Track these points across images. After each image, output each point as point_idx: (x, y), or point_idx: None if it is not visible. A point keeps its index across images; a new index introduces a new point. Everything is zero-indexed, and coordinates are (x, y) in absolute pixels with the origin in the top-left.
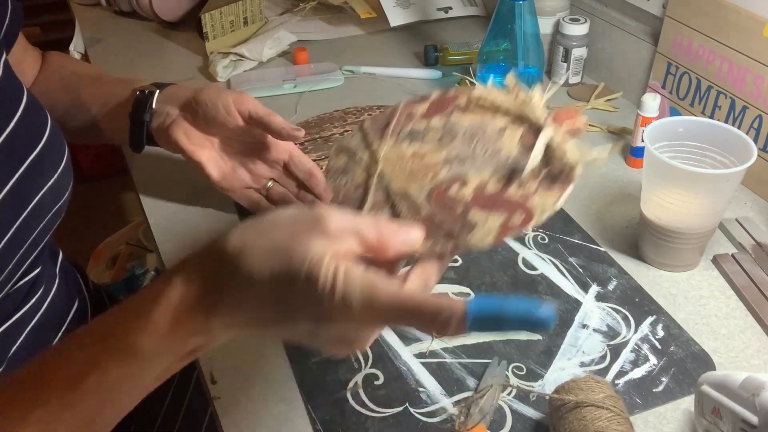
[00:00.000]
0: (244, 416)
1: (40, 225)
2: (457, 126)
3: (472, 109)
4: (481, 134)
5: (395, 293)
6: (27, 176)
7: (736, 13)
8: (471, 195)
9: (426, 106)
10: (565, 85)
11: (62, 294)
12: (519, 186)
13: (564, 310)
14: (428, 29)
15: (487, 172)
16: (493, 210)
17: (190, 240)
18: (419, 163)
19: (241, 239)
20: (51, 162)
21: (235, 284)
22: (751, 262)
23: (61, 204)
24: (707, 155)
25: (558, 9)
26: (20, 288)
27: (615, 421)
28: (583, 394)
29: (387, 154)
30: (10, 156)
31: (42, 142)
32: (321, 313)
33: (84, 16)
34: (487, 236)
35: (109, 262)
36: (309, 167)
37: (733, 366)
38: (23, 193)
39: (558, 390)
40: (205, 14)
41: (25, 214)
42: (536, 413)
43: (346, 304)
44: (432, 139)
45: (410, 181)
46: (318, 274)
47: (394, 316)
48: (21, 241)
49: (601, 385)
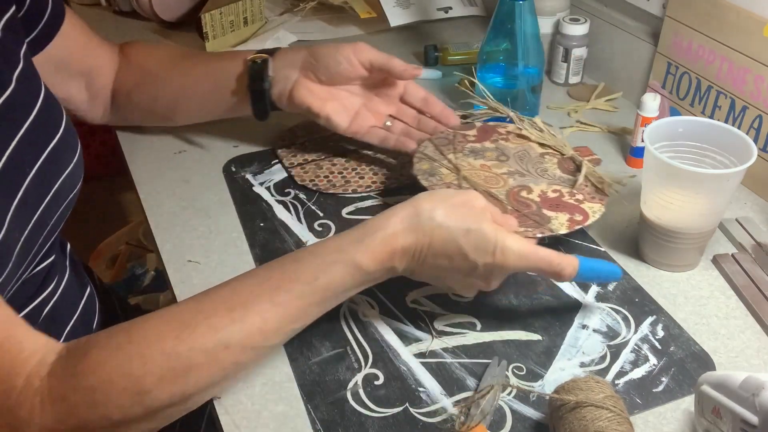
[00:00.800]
0: (244, 416)
1: (60, 209)
2: (506, 149)
3: (512, 138)
4: (527, 157)
5: (535, 250)
6: (51, 159)
7: (736, 13)
8: (538, 198)
9: (474, 131)
10: (565, 84)
11: (74, 282)
12: (570, 196)
13: (564, 310)
14: (428, 29)
15: (543, 184)
16: (558, 210)
17: (189, 239)
18: (490, 172)
19: (431, 200)
20: (69, 149)
21: (431, 232)
22: (751, 262)
23: (74, 193)
24: (707, 155)
25: (558, 9)
26: (38, 273)
27: (615, 421)
28: (583, 394)
29: (463, 163)
30: (36, 139)
31: (61, 128)
32: (486, 260)
33: (84, 15)
34: (561, 226)
35: (109, 262)
36: (423, 95)
37: (733, 366)
38: (48, 175)
39: (558, 390)
40: (205, 14)
41: (48, 197)
42: (536, 413)
43: (505, 255)
44: (491, 157)
45: (489, 185)
46: (491, 232)
47: (534, 265)
48: (44, 223)
49: (601, 385)
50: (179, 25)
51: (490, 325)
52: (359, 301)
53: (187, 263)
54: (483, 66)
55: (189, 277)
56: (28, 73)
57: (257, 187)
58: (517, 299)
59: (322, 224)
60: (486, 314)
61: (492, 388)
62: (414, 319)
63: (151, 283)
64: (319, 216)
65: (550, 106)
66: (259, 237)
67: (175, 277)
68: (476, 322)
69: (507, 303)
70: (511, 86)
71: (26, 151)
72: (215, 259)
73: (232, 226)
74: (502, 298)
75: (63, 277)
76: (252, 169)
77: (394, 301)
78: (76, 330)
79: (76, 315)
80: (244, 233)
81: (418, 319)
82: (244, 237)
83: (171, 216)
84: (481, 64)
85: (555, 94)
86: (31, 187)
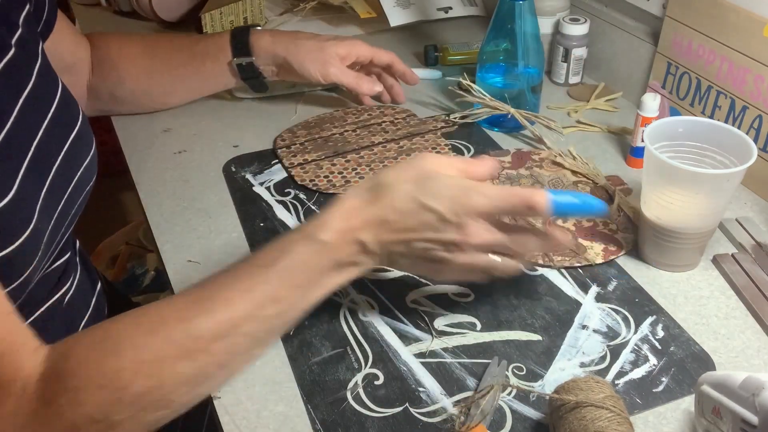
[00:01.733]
0: (244, 416)
1: (78, 201)
2: (540, 176)
3: (546, 165)
4: (561, 185)
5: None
6: (71, 151)
7: (736, 13)
8: (573, 228)
9: (509, 158)
10: (565, 85)
11: (86, 278)
12: (604, 226)
13: (564, 311)
14: (428, 29)
15: None
16: (593, 239)
17: (189, 239)
18: None
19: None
20: (86, 142)
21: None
22: (751, 262)
23: (91, 185)
24: (707, 155)
25: (558, 9)
26: (57, 268)
27: (615, 421)
28: (583, 394)
29: None
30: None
31: (78, 122)
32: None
33: (84, 15)
34: (597, 256)
35: (109, 262)
36: (388, 59)
37: (733, 366)
38: (71, 164)
39: (558, 390)
40: (205, 14)
41: (70, 188)
42: (536, 413)
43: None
44: (526, 184)
45: None
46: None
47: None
48: (66, 214)
49: (601, 385)
50: (179, 25)
51: (490, 325)
52: (359, 301)
53: (187, 263)
54: (483, 66)
55: (189, 277)
56: (47, 67)
57: (257, 187)
58: (517, 299)
59: None
60: (486, 314)
61: (492, 388)
62: (414, 319)
63: (151, 283)
64: None
65: (550, 106)
66: (259, 237)
67: (175, 277)
68: (476, 322)
69: (507, 303)
70: (511, 86)
71: (52, 141)
72: (215, 259)
73: (232, 226)
74: (502, 298)
75: (77, 273)
76: (252, 169)
77: (394, 301)
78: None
79: (90, 310)
80: (244, 233)
81: (418, 319)
82: (244, 237)
83: (171, 216)
84: (481, 64)
85: (555, 94)
86: (56, 176)
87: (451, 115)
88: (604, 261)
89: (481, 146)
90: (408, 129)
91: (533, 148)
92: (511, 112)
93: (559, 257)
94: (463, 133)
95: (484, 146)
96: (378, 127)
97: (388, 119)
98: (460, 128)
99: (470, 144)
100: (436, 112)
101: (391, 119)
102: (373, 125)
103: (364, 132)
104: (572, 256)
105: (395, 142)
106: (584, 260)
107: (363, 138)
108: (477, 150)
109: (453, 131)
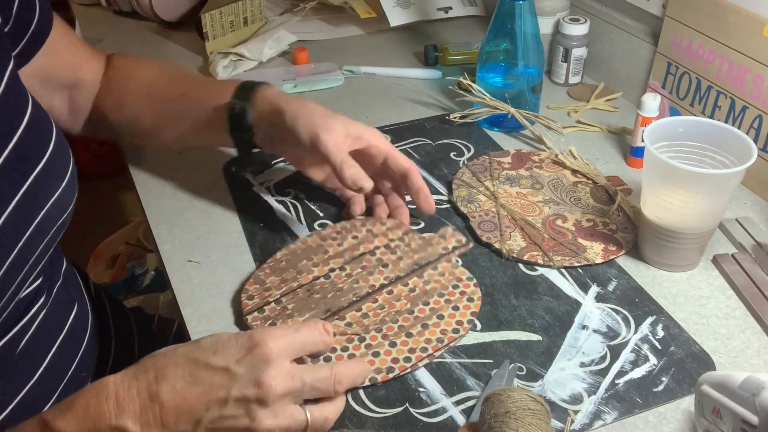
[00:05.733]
0: None
1: (44, 242)
2: (540, 177)
3: (546, 166)
4: (561, 185)
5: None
6: (30, 194)
7: (736, 13)
8: (573, 228)
9: (509, 158)
10: (565, 84)
11: (62, 299)
12: (604, 226)
13: (564, 311)
14: (428, 29)
15: (578, 212)
16: (593, 239)
17: (189, 239)
18: (525, 200)
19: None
20: (55, 176)
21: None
22: (751, 262)
23: (64, 218)
24: (707, 155)
25: (558, 9)
26: (23, 299)
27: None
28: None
29: (499, 191)
30: (13, 174)
31: (46, 155)
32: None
33: (84, 15)
34: (596, 256)
35: (109, 262)
36: (406, 166)
37: (733, 366)
38: (26, 213)
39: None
40: (205, 14)
41: (28, 234)
42: None
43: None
44: (526, 184)
45: (525, 213)
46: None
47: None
48: (24, 261)
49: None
50: (179, 25)
51: (490, 325)
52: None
53: (187, 263)
54: (483, 66)
55: (189, 277)
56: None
57: (257, 187)
58: (517, 299)
59: (322, 224)
60: (486, 314)
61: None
62: None
63: (151, 283)
64: (319, 216)
65: (550, 106)
66: (259, 237)
67: (175, 277)
68: (476, 322)
69: (507, 303)
70: (511, 86)
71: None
72: (215, 259)
73: (232, 226)
74: (502, 299)
75: (50, 295)
76: (252, 169)
77: None
78: (63, 349)
79: (63, 335)
80: (244, 233)
81: None
82: (244, 237)
83: (171, 216)
84: (481, 64)
85: (555, 94)
86: (11, 216)
87: (451, 115)
88: (604, 261)
89: (481, 146)
90: (413, 256)
91: (533, 148)
92: (511, 112)
93: (559, 257)
94: (463, 133)
95: (484, 146)
96: (372, 258)
97: (382, 243)
98: (460, 128)
99: (470, 144)
100: (437, 112)
101: (386, 242)
102: (365, 255)
103: (356, 268)
104: (572, 256)
105: (402, 283)
106: (584, 260)
107: (358, 281)
108: (477, 150)
109: (466, 252)
